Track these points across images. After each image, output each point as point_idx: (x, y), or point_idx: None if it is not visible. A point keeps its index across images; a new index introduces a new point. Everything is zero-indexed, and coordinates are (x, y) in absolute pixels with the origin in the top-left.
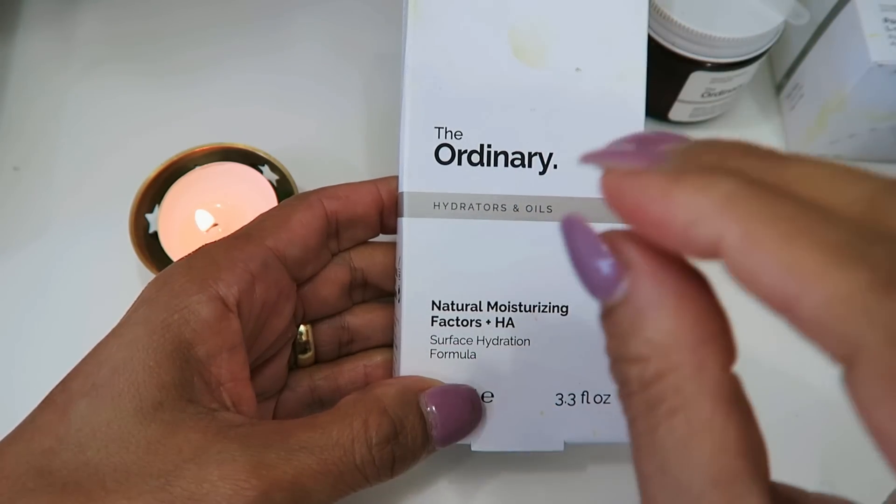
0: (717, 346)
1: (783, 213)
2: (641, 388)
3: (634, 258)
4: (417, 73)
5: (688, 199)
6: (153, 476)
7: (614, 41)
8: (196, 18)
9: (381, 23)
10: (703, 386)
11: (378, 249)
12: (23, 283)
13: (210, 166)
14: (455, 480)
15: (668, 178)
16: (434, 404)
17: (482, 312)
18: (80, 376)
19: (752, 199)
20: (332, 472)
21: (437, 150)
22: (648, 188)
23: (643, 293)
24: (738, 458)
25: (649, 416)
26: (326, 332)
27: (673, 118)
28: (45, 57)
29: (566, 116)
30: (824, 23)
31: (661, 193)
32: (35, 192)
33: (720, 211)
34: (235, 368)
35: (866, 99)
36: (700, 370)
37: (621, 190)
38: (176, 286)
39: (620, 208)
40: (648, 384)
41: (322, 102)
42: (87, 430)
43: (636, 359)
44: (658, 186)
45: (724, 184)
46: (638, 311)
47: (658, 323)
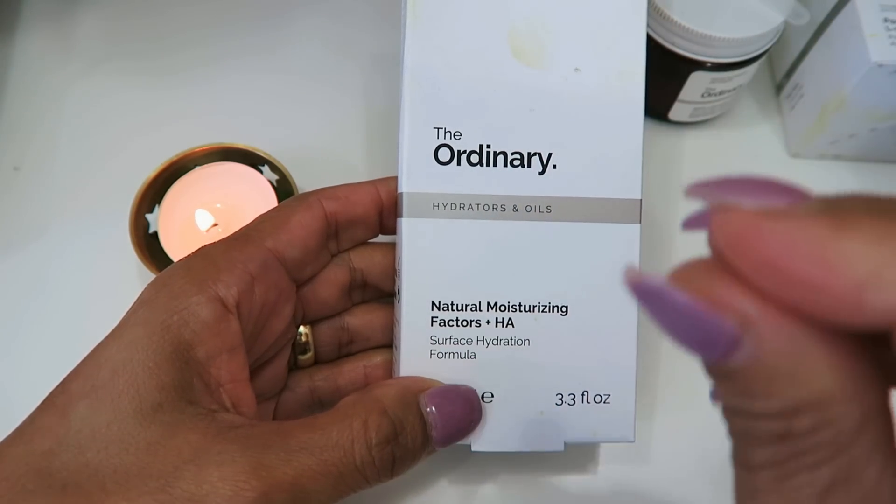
0: (875, 390)
1: None
2: (778, 441)
3: (756, 313)
4: (416, 73)
5: (864, 252)
6: (153, 477)
7: (613, 41)
8: (196, 18)
9: (380, 23)
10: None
11: (377, 250)
12: (23, 283)
13: (210, 166)
14: (455, 481)
15: (830, 223)
16: (434, 405)
17: (482, 313)
18: (80, 377)
19: None
20: (332, 473)
21: (437, 151)
22: (800, 235)
23: (779, 350)
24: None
25: (784, 466)
26: (326, 332)
27: (673, 118)
28: (44, 56)
29: (565, 117)
30: (824, 23)
31: (820, 243)
32: (35, 192)
33: None
34: (235, 369)
35: (866, 99)
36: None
37: (754, 236)
38: (175, 287)
39: (749, 259)
40: (790, 437)
41: (322, 102)
42: (87, 431)
43: (773, 415)
44: (816, 233)
45: None
46: (773, 369)
47: (807, 379)
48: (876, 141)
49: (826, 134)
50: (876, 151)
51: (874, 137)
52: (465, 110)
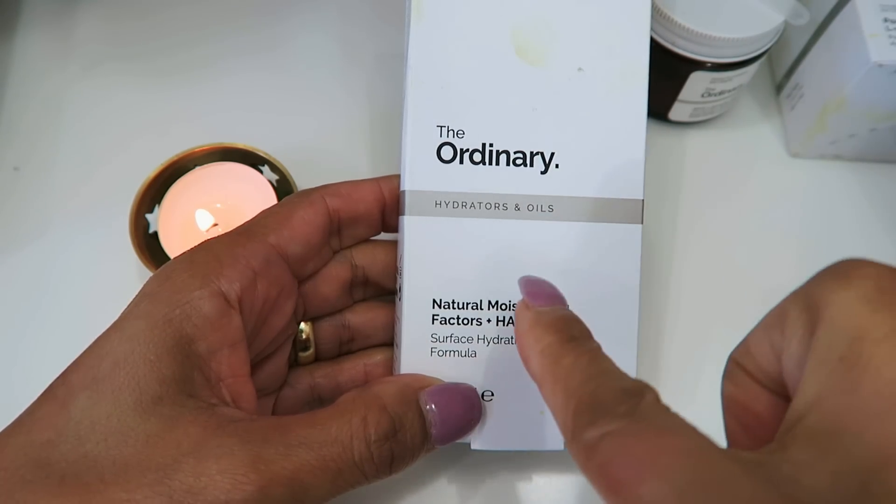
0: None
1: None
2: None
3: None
4: (420, 71)
5: (537, 352)
6: (152, 469)
7: (616, 41)
8: (196, 18)
9: (382, 22)
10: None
11: (379, 247)
12: (23, 283)
13: (210, 166)
14: (454, 479)
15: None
16: (434, 402)
17: (483, 311)
18: (81, 369)
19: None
20: (331, 469)
21: (439, 149)
22: (528, 341)
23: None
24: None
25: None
26: (327, 329)
27: (673, 118)
28: (44, 57)
29: (568, 116)
30: (824, 23)
31: (531, 347)
32: (35, 192)
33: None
34: (236, 364)
35: (866, 99)
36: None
37: (518, 332)
38: (178, 281)
39: (517, 339)
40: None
41: (322, 102)
42: (87, 422)
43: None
44: (534, 341)
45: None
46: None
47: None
48: (876, 141)
49: (826, 134)
50: (876, 151)
51: (874, 137)
52: (468, 109)
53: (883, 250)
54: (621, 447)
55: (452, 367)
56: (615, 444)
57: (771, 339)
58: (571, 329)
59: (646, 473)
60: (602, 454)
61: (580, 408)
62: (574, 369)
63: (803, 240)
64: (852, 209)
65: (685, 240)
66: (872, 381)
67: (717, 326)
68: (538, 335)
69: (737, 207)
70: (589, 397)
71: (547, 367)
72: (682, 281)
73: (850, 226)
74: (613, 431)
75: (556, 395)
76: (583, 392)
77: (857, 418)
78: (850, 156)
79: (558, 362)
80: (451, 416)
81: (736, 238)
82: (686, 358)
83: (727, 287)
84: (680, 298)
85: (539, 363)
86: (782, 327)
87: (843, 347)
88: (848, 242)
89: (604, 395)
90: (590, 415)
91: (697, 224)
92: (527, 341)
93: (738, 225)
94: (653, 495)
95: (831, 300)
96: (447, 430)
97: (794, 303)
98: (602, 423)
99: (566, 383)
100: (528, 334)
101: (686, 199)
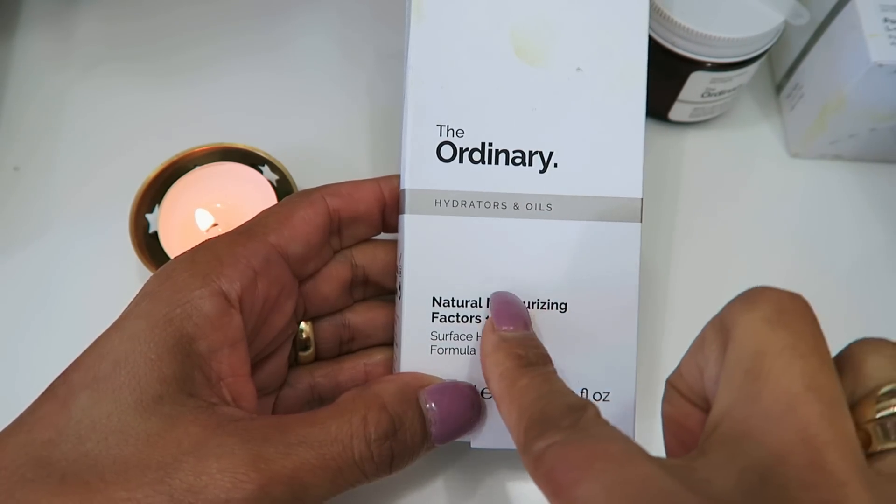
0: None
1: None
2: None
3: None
4: (419, 71)
5: (494, 378)
6: (152, 468)
7: (615, 41)
8: (196, 18)
9: (381, 22)
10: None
11: (380, 247)
12: (23, 283)
13: (210, 166)
14: (454, 478)
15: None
16: (434, 401)
17: (482, 309)
18: (82, 368)
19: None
20: (331, 468)
21: (439, 148)
22: (490, 364)
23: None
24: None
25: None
26: (327, 329)
27: (673, 118)
28: (44, 57)
29: (567, 116)
30: (824, 23)
31: (492, 371)
32: (35, 192)
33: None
34: (236, 364)
35: (866, 99)
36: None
37: (483, 354)
38: (178, 280)
39: (482, 362)
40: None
41: (322, 102)
42: (88, 422)
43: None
44: (495, 365)
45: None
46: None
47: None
48: (876, 141)
49: (826, 134)
50: (876, 151)
51: (874, 137)
52: (467, 108)
53: (883, 250)
54: (562, 455)
55: (452, 365)
56: (557, 452)
57: (696, 361)
58: (529, 355)
59: (581, 476)
60: (547, 462)
61: (531, 423)
62: (528, 390)
63: (803, 240)
64: (852, 209)
65: (684, 239)
66: (771, 390)
67: None
68: (499, 359)
69: (736, 207)
70: (539, 413)
71: (504, 389)
72: (681, 280)
73: (850, 226)
74: (557, 442)
75: (511, 413)
76: (533, 409)
77: (759, 423)
78: (850, 156)
79: (514, 384)
80: (450, 414)
81: (735, 238)
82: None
83: (726, 286)
84: (679, 297)
85: (498, 385)
86: (703, 350)
87: (748, 362)
88: (848, 242)
89: (551, 411)
90: (538, 429)
91: (697, 224)
92: (489, 364)
93: (737, 225)
94: (586, 495)
95: (738, 322)
96: (447, 428)
97: (711, 328)
98: (548, 435)
99: (520, 402)
100: (490, 357)
101: (685, 198)
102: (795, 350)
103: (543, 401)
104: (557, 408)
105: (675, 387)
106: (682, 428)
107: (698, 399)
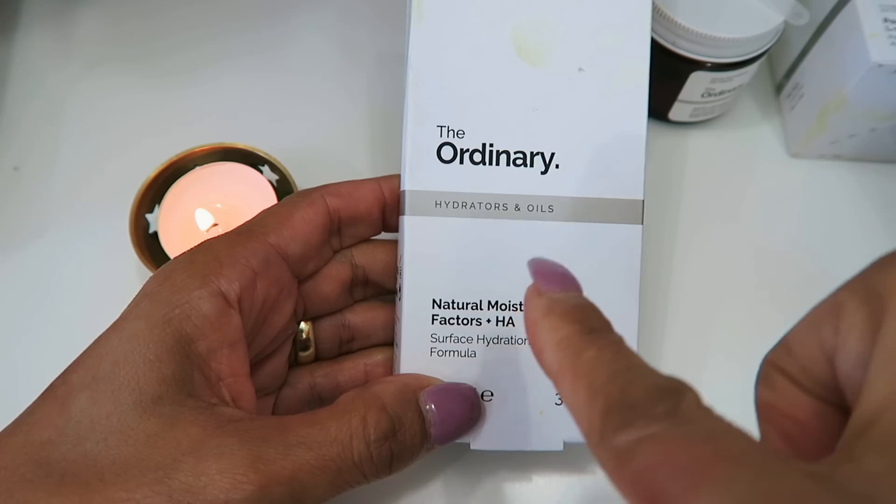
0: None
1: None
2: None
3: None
4: (420, 71)
5: (552, 344)
6: (151, 469)
7: (617, 42)
8: (196, 18)
9: (382, 22)
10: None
11: (380, 247)
12: (23, 283)
13: (210, 166)
14: (453, 479)
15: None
16: (433, 402)
17: (482, 311)
18: (81, 369)
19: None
20: (330, 468)
21: (440, 149)
22: (542, 330)
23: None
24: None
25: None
26: (327, 329)
27: (673, 118)
28: (44, 57)
29: (568, 116)
30: (824, 23)
31: (543, 336)
32: (35, 192)
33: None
34: (235, 364)
35: (866, 99)
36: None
37: (529, 322)
38: (178, 281)
39: (527, 328)
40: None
41: (323, 102)
42: (87, 422)
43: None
44: (547, 330)
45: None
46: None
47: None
48: (876, 141)
49: (826, 134)
50: (876, 151)
51: (874, 137)
52: (468, 109)
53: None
54: (665, 454)
55: (452, 367)
56: (657, 450)
57: (820, 337)
58: (591, 319)
59: (699, 484)
60: (640, 461)
61: (609, 407)
62: (598, 363)
63: (803, 240)
64: (852, 209)
65: (685, 240)
66: None
67: (718, 326)
68: (554, 324)
69: (737, 207)
70: (619, 395)
71: (566, 361)
72: (682, 281)
73: (850, 226)
74: (653, 435)
75: (577, 392)
76: (611, 389)
77: None
78: (850, 156)
79: (580, 355)
80: (450, 416)
81: (735, 238)
82: (687, 358)
83: (727, 287)
84: (680, 298)
85: (556, 356)
86: (836, 323)
87: None
88: (848, 242)
89: (636, 394)
90: (622, 415)
91: (697, 224)
92: (541, 331)
93: (737, 225)
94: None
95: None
96: (446, 430)
97: (851, 294)
98: (638, 425)
99: (590, 379)
100: (541, 323)
101: (686, 199)
102: None
103: (623, 378)
104: (644, 389)
105: (779, 367)
106: (787, 419)
107: (816, 386)
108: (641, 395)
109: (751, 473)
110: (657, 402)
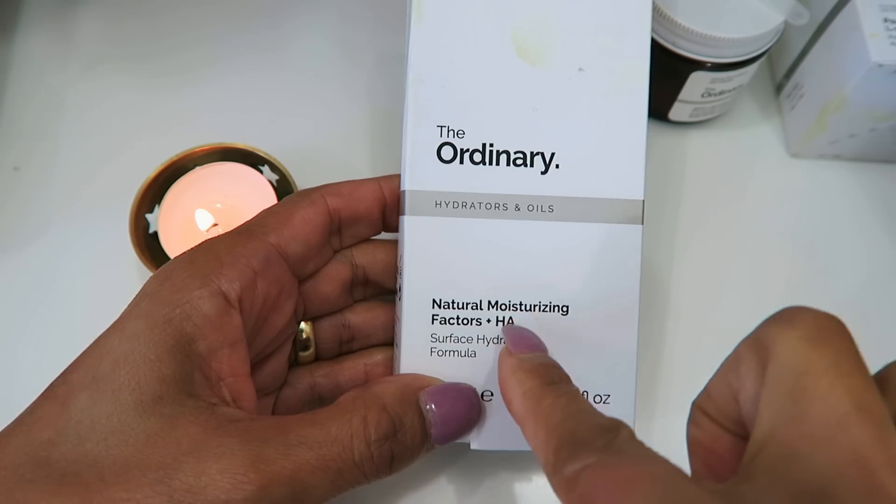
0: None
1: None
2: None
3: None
4: (420, 71)
5: (518, 396)
6: (152, 469)
7: (617, 41)
8: (196, 18)
9: (381, 22)
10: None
11: (380, 247)
12: (23, 283)
13: (210, 166)
14: (454, 479)
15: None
16: (433, 402)
17: (483, 311)
18: (81, 369)
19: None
20: (331, 468)
21: (440, 149)
22: (511, 385)
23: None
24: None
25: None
26: (327, 329)
27: (673, 118)
28: (44, 57)
29: (568, 116)
30: (824, 23)
31: (512, 389)
32: (35, 192)
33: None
34: (236, 364)
35: (866, 99)
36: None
37: (501, 378)
38: (178, 281)
39: (501, 385)
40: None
41: (323, 102)
42: (87, 422)
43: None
44: (515, 385)
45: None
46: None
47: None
48: (876, 141)
49: (826, 134)
50: (876, 151)
51: (874, 137)
52: (468, 109)
53: (883, 250)
54: (600, 477)
55: (452, 367)
56: (594, 474)
57: (728, 382)
58: (551, 374)
59: (623, 499)
60: (583, 485)
61: (561, 443)
62: (554, 409)
63: (803, 240)
64: (852, 209)
65: (685, 240)
66: (818, 411)
67: (718, 326)
68: (520, 379)
69: (737, 207)
70: (569, 434)
71: (529, 408)
72: (682, 281)
73: (849, 226)
74: (593, 464)
75: (537, 433)
76: (563, 429)
77: (807, 445)
78: (850, 156)
79: (540, 403)
80: (450, 416)
81: (735, 238)
82: (686, 358)
83: (727, 287)
84: (680, 299)
85: (522, 405)
86: (737, 370)
87: (791, 382)
88: (848, 242)
89: (582, 432)
90: (570, 449)
91: (697, 224)
92: (510, 385)
93: (737, 225)
94: None
95: (777, 340)
96: (447, 430)
97: (746, 347)
98: (581, 456)
99: (547, 422)
100: (510, 378)
101: (686, 199)
102: (839, 369)
103: (573, 420)
104: (589, 428)
105: (702, 409)
106: (710, 453)
107: (729, 422)
108: (586, 433)
109: (663, 490)
110: (598, 437)
